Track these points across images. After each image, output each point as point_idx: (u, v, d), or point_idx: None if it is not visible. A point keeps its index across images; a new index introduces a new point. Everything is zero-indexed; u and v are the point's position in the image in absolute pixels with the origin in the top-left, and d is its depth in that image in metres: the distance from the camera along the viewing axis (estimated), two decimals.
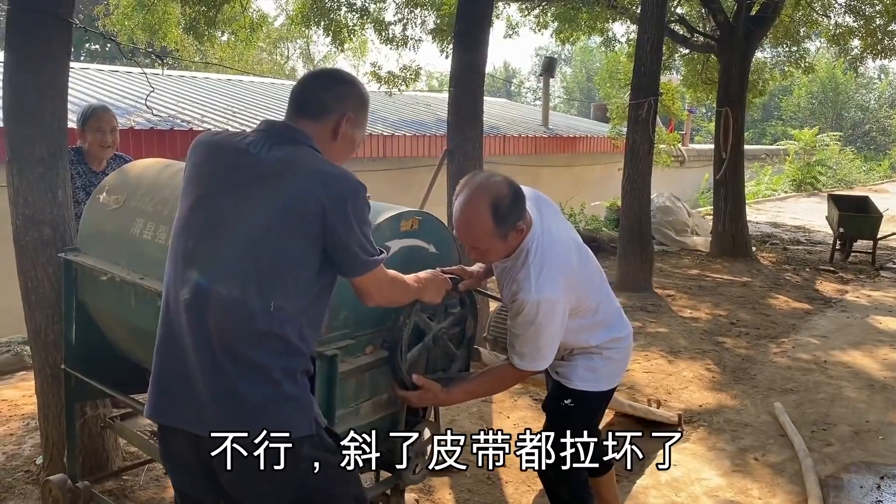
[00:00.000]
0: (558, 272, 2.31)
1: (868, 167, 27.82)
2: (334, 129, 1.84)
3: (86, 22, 15.84)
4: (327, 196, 1.68)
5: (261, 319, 1.67)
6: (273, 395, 1.68)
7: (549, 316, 2.28)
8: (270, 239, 1.69)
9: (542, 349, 2.34)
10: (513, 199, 2.24)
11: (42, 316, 3.04)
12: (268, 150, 1.75)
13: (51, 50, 2.94)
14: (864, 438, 4.10)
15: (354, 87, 1.91)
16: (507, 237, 2.26)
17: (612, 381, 2.66)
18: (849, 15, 11.28)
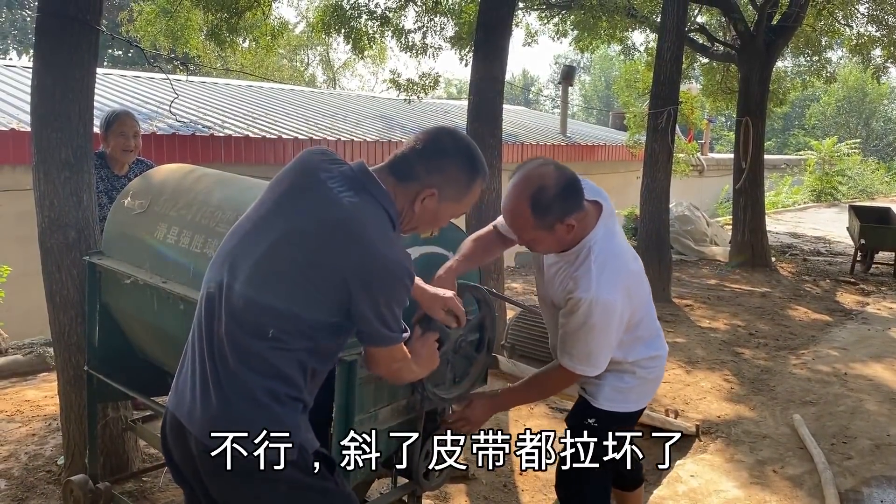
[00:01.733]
0: (620, 277, 2.23)
1: (890, 177, 27.50)
2: (413, 199, 1.76)
3: (110, 28, 16.06)
4: (360, 271, 1.63)
5: (257, 337, 1.66)
6: (254, 414, 1.66)
7: (604, 319, 2.19)
8: (293, 274, 1.67)
9: (593, 354, 2.25)
10: (559, 190, 2.13)
11: (66, 318, 3.08)
12: (341, 192, 1.69)
13: (78, 55, 2.99)
14: (884, 452, 4.05)
15: (455, 161, 1.77)
16: (552, 229, 2.16)
17: (641, 402, 2.53)
18: (871, 24, 11.20)
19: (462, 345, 2.36)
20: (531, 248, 2.32)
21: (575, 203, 2.17)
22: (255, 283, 1.69)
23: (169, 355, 2.70)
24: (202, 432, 1.68)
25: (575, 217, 2.17)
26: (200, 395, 1.70)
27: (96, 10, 3.04)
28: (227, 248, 1.78)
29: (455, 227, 2.44)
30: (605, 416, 2.42)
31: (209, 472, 1.72)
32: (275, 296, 1.67)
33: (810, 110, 36.57)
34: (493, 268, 5.40)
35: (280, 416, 1.67)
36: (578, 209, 2.18)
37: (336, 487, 1.78)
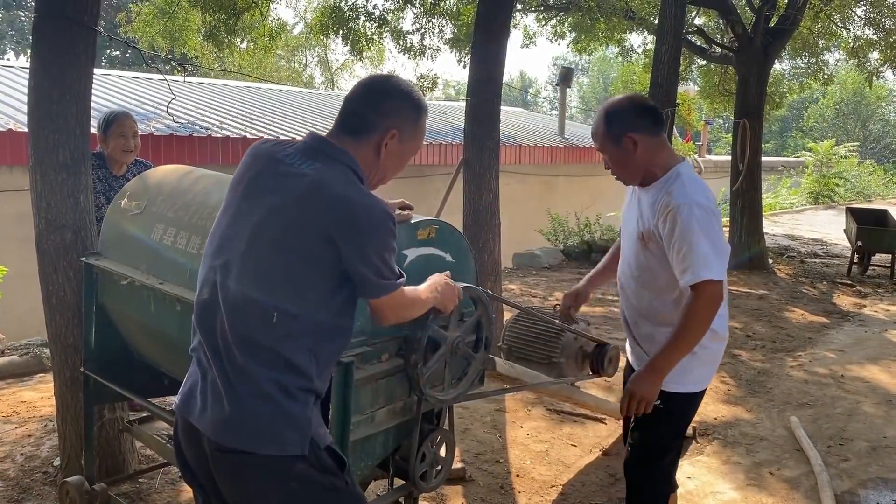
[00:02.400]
0: (710, 196, 2.37)
1: (887, 179, 27.56)
2: (377, 146, 1.78)
3: (108, 29, 16.04)
4: (346, 224, 1.65)
5: (262, 329, 1.66)
6: (265, 409, 1.66)
7: (705, 219, 2.28)
8: (281, 253, 1.68)
9: (709, 255, 2.25)
10: (627, 107, 2.44)
11: (62, 319, 3.08)
12: (300, 164, 1.72)
13: (75, 56, 2.99)
14: (881, 454, 4.06)
15: (405, 97, 1.82)
16: (620, 143, 2.41)
17: (701, 384, 2.53)
18: (868, 27, 11.22)
19: (459, 345, 2.36)
20: (613, 171, 2.54)
21: (640, 119, 2.41)
22: (249, 274, 1.70)
23: (165, 357, 2.70)
24: (215, 432, 1.68)
25: (640, 136, 2.39)
26: (211, 396, 1.70)
27: (93, 11, 3.03)
28: (212, 252, 1.79)
29: (452, 228, 2.44)
30: (667, 397, 2.43)
31: (222, 472, 1.72)
32: (270, 280, 1.68)
33: (809, 112, 36.65)
34: (490, 269, 5.41)
35: (291, 410, 1.67)
36: (644, 130, 2.40)
37: (346, 486, 1.77)
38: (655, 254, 2.44)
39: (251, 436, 1.66)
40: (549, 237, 10.99)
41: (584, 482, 3.61)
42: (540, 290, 8.13)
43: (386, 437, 2.28)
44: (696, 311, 2.30)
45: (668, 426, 2.54)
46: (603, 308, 7.22)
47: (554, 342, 3.40)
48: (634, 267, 2.55)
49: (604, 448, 3.99)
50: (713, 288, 2.28)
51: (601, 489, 3.55)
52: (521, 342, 3.54)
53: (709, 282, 2.26)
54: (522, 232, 10.74)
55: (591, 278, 2.99)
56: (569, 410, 4.40)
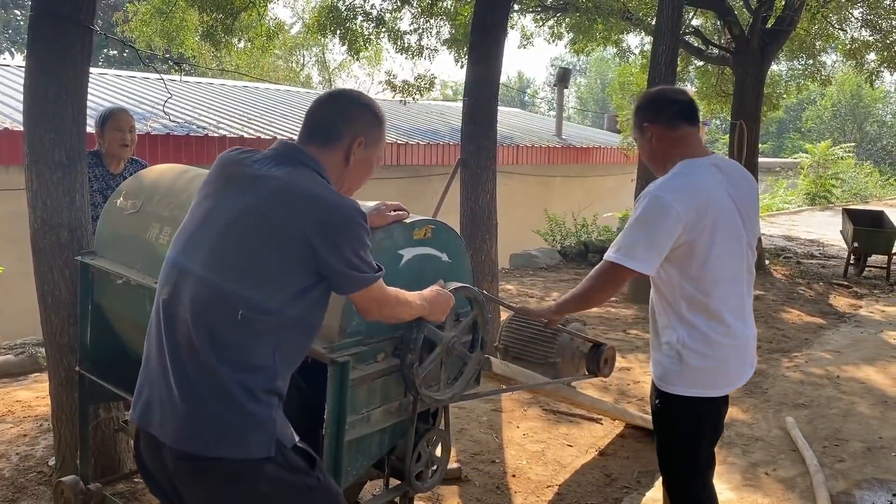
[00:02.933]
0: (690, 190, 2.30)
1: (884, 181, 27.62)
2: (346, 154, 1.84)
3: (105, 28, 16.02)
4: (319, 222, 1.66)
5: (227, 326, 1.65)
6: (228, 412, 1.63)
7: (652, 213, 2.28)
8: (251, 251, 1.67)
9: (635, 245, 2.29)
10: (651, 99, 2.53)
11: (58, 318, 3.07)
12: (271, 168, 1.74)
13: (71, 55, 2.98)
14: (876, 455, 4.06)
15: (367, 107, 1.89)
16: (642, 131, 2.48)
17: (696, 389, 2.39)
18: (865, 29, 11.24)
19: (455, 346, 2.36)
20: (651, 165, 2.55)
21: (659, 110, 2.44)
22: (215, 270, 1.69)
23: None
24: (177, 440, 1.65)
25: (655, 127, 2.43)
26: (170, 403, 1.67)
27: (90, 10, 3.03)
28: (175, 253, 1.79)
29: (448, 228, 2.44)
30: (662, 396, 2.45)
31: (185, 479, 1.69)
32: (237, 275, 1.67)
33: (807, 114, 36.72)
34: (487, 269, 5.41)
35: (255, 412, 1.64)
36: (661, 120, 2.43)
37: (319, 483, 1.75)
38: None
39: (215, 441, 1.62)
40: (546, 238, 11.00)
41: (579, 482, 3.61)
42: (537, 291, 8.13)
43: (382, 436, 2.28)
44: (592, 277, 2.43)
45: (673, 428, 2.48)
46: (600, 309, 7.22)
47: (550, 342, 3.40)
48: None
49: (600, 448, 4.00)
50: (621, 273, 2.35)
51: (597, 489, 3.55)
52: (518, 342, 3.54)
53: (616, 264, 2.32)
54: (520, 232, 10.75)
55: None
56: (565, 411, 4.41)
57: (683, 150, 2.41)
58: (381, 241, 2.17)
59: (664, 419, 2.50)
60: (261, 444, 1.64)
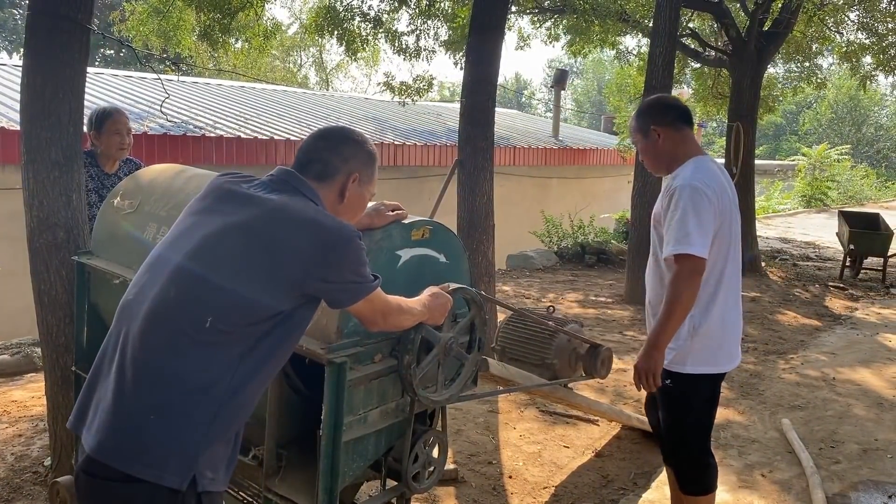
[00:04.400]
0: (713, 178, 2.57)
1: (880, 183, 27.71)
2: (341, 190, 1.84)
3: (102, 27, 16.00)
4: (318, 246, 1.65)
5: (187, 336, 1.57)
6: (158, 429, 1.52)
7: (695, 200, 2.48)
8: (236, 264, 1.63)
9: (691, 233, 2.45)
10: (655, 104, 2.76)
11: (54, 318, 3.07)
12: (265, 192, 1.74)
13: (69, 55, 2.98)
14: (872, 457, 4.07)
15: (361, 145, 1.90)
16: (647, 134, 2.69)
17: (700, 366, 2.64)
18: (861, 32, 11.27)
19: (453, 346, 2.36)
20: (645, 163, 2.81)
21: (665, 114, 2.69)
22: (188, 273, 1.63)
23: None
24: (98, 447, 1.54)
25: (663, 128, 2.66)
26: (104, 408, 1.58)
27: (87, 9, 3.03)
28: (146, 262, 1.75)
29: (446, 229, 2.44)
30: (675, 377, 2.63)
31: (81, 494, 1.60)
32: (213, 282, 1.61)
33: (805, 116, 36.83)
34: (484, 270, 5.41)
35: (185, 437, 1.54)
36: (668, 123, 2.67)
37: None
38: (662, 235, 2.63)
39: (133, 456, 1.52)
40: (542, 239, 11.01)
41: (576, 483, 3.61)
42: (534, 292, 8.14)
43: (378, 437, 2.27)
44: (677, 283, 2.48)
45: (686, 405, 2.70)
46: (596, 310, 7.23)
47: (547, 344, 3.41)
48: (652, 252, 2.77)
49: (596, 450, 4.00)
50: (692, 262, 2.45)
51: (594, 491, 3.55)
52: (515, 343, 3.55)
53: (687, 256, 2.45)
54: (516, 233, 10.75)
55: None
56: (561, 412, 4.41)
57: (688, 150, 2.68)
58: (380, 241, 2.17)
59: (677, 398, 2.69)
60: (173, 472, 1.52)
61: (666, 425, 2.77)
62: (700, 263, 2.46)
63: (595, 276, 9.17)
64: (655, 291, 2.72)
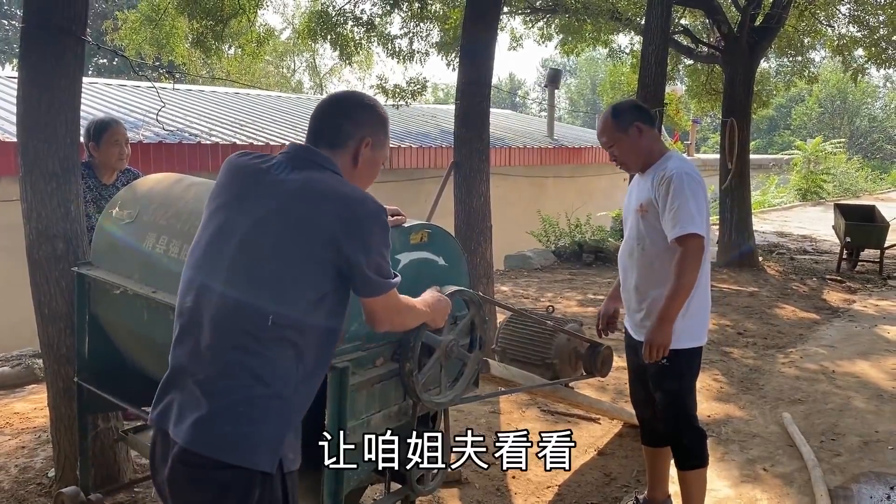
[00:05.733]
0: (696, 170, 2.83)
1: (875, 175, 27.78)
2: (354, 155, 1.84)
3: (94, 37, 15.98)
4: (344, 219, 1.67)
5: (253, 334, 1.65)
6: (243, 420, 1.63)
7: (693, 186, 2.71)
8: (277, 255, 1.68)
9: (695, 214, 2.68)
10: (632, 104, 2.98)
11: (55, 329, 3.07)
12: (289, 173, 1.75)
13: (64, 66, 2.99)
14: (873, 449, 4.09)
15: (373, 109, 1.90)
16: (627, 131, 2.85)
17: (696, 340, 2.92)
18: (852, 25, 11.32)
19: (454, 348, 2.37)
20: (618, 160, 2.95)
21: (643, 114, 2.90)
22: (240, 278, 1.69)
23: (159, 365, 2.68)
24: (189, 439, 1.64)
25: (644, 125, 2.84)
26: (188, 404, 1.67)
27: (82, 21, 3.03)
28: (195, 260, 1.78)
29: (444, 232, 2.46)
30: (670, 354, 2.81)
31: (181, 485, 1.68)
32: (260, 285, 1.67)
33: (795, 111, 36.94)
34: (482, 271, 5.42)
35: (266, 424, 1.65)
36: (647, 121, 2.87)
37: None
38: (653, 223, 2.83)
39: (227, 446, 1.63)
40: (539, 238, 11.02)
41: (579, 482, 3.62)
42: (532, 292, 8.15)
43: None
44: (685, 260, 2.70)
45: (682, 378, 2.93)
46: (595, 309, 7.23)
47: (547, 344, 3.42)
48: (635, 239, 2.94)
49: (599, 448, 4.01)
50: (697, 241, 2.70)
51: (596, 489, 3.56)
52: (516, 344, 3.56)
53: (693, 235, 2.69)
54: (514, 234, 10.76)
55: (611, 295, 3.30)
56: (563, 411, 4.42)
57: (661, 146, 2.95)
58: None
59: (674, 373, 2.89)
60: (265, 457, 1.64)
61: (665, 403, 2.96)
62: (703, 242, 2.72)
63: (593, 275, 9.18)
64: (643, 276, 2.92)
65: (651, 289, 2.86)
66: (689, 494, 3.02)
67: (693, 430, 2.99)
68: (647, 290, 2.89)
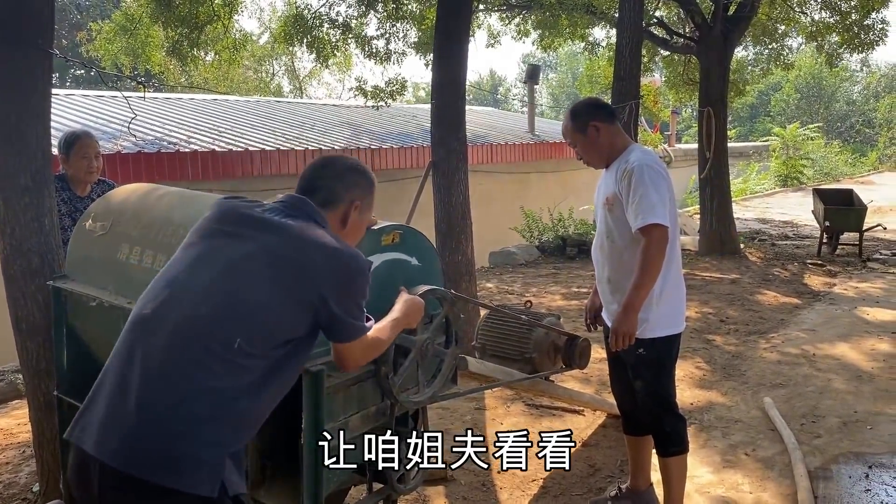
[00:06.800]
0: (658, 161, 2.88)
1: (854, 159, 28.04)
2: (343, 217, 1.93)
3: (69, 48, 15.88)
4: (335, 270, 1.74)
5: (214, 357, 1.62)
6: (186, 440, 1.57)
7: (654, 178, 2.76)
8: (260, 289, 1.69)
9: (655, 204, 2.73)
10: (588, 104, 3.02)
11: (33, 344, 3.07)
12: (284, 218, 1.80)
13: (32, 79, 2.98)
14: (852, 429, 4.15)
15: (363, 174, 2.00)
16: (585, 132, 2.92)
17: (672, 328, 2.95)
18: (825, 11, 11.42)
19: (429, 347, 2.40)
20: (584, 158, 3.03)
21: (598, 111, 2.95)
22: (218, 300, 1.69)
23: None
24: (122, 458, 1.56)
25: (601, 123, 2.90)
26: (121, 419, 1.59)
27: (48, 34, 3.03)
28: (166, 279, 1.76)
29: (415, 231, 2.48)
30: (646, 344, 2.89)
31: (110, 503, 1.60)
32: (241, 308, 1.68)
33: (774, 98, 37.22)
34: (464, 269, 5.45)
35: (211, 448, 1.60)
36: (603, 118, 2.93)
37: None
38: (619, 215, 2.88)
39: (164, 468, 1.55)
40: (523, 234, 11.06)
41: (563, 475, 3.65)
42: (517, 287, 8.18)
43: (361, 441, 2.30)
44: (649, 250, 2.75)
45: (660, 367, 2.98)
46: (579, 302, 7.28)
47: (526, 338, 3.45)
48: (605, 232, 2.99)
49: (583, 440, 4.05)
50: (660, 231, 2.74)
51: (581, 480, 3.60)
52: (495, 340, 3.59)
53: (656, 225, 2.73)
54: (498, 230, 10.80)
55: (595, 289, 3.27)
56: (547, 405, 4.45)
57: (624, 140, 2.98)
58: None
59: (651, 363, 2.94)
60: (205, 481, 1.57)
61: (645, 392, 3.00)
62: (666, 231, 2.76)
63: (577, 268, 9.23)
64: (614, 268, 2.96)
65: (623, 280, 2.89)
66: (671, 481, 3.06)
67: (674, 416, 3.04)
68: (620, 281, 2.92)
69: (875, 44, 11.07)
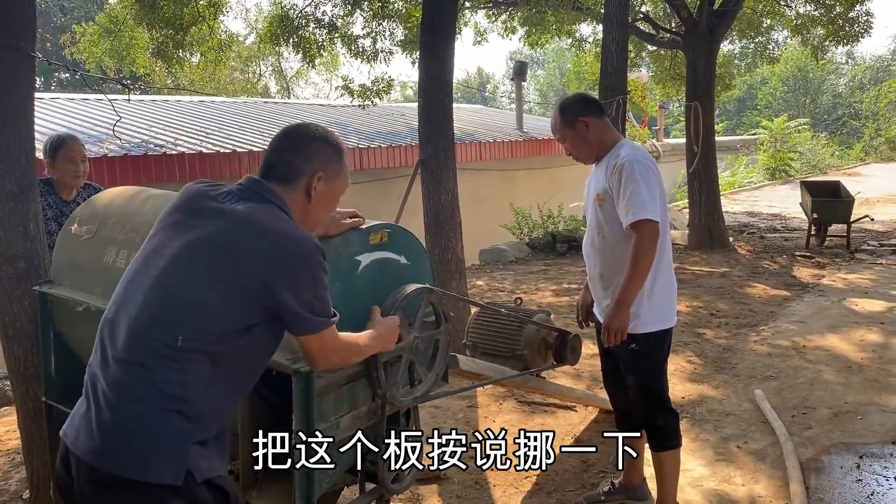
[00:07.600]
0: (648, 156, 2.89)
1: (841, 151, 28.21)
2: (307, 190, 1.84)
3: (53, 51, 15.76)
4: (274, 257, 1.66)
5: (161, 352, 1.63)
6: (144, 432, 1.60)
7: (645, 174, 2.77)
8: (198, 280, 1.67)
9: (647, 200, 2.73)
10: (577, 99, 3.04)
11: (20, 349, 3.04)
12: (233, 203, 1.75)
13: (14, 83, 2.96)
14: (842, 420, 4.17)
15: (323, 141, 1.89)
16: (574, 127, 2.92)
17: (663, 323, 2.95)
18: (810, 4, 11.47)
19: (419, 345, 2.39)
20: (573, 154, 3.03)
21: (587, 107, 2.95)
22: (157, 296, 1.68)
23: None
24: (91, 453, 1.61)
25: (590, 118, 2.91)
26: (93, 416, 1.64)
27: (30, 37, 3.00)
28: (126, 278, 1.79)
29: (404, 230, 2.46)
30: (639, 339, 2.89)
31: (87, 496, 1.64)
32: (179, 303, 1.66)
33: (761, 92, 37.41)
34: (454, 267, 5.44)
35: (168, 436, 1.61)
36: (592, 113, 2.93)
37: None
38: (610, 211, 2.88)
39: (126, 460, 1.59)
40: (513, 231, 11.07)
41: (557, 471, 3.65)
42: (507, 284, 8.19)
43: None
44: (640, 245, 2.75)
45: (653, 361, 2.98)
46: (570, 298, 7.29)
47: (516, 335, 3.45)
48: (595, 228, 3.00)
49: (576, 436, 4.05)
50: (651, 226, 2.74)
51: (574, 476, 3.60)
52: (485, 338, 3.59)
53: (647, 220, 2.73)
54: (488, 228, 10.80)
55: (586, 286, 3.28)
56: (540, 401, 4.46)
57: (613, 135, 2.98)
58: (338, 248, 2.18)
59: (645, 358, 2.95)
60: (166, 470, 1.59)
61: (638, 387, 3.01)
62: (657, 227, 2.76)
63: (567, 264, 9.25)
64: (606, 264, 2.97)
65: (614, 276, 2.89)
66: (664, 475, 3.07)
67: (666, 410, 3.05)
68: (611, 277, 2.92)
69: (860, 36, 11.14)
